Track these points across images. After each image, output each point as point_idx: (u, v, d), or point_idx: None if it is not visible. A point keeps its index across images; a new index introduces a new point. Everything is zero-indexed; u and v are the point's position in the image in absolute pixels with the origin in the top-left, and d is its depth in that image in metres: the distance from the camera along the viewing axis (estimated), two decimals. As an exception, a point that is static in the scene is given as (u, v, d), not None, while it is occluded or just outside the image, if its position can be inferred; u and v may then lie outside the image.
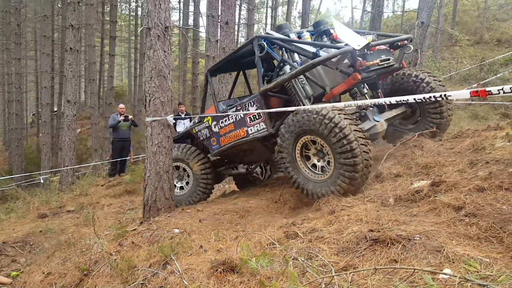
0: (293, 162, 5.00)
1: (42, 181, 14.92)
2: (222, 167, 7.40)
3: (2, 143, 37.60)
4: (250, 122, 5.86)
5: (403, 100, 3.34)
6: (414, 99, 3.14)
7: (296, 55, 5.57)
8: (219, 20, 10.54)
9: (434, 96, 2.75)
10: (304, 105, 5.14)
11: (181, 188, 7.22)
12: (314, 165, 4.91)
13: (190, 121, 9.56)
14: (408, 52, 6.01)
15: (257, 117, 5.73)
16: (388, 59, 5.46)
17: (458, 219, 3.04)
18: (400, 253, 2.73)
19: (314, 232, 3.57)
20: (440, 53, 21.21)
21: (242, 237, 4.02)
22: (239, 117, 6.01)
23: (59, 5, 24.06)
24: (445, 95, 2.66)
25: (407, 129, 6.00)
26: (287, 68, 5.51)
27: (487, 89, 2.58)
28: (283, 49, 5.59)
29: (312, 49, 5.15)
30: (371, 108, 5.35)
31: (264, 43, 5.53)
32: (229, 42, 10.13)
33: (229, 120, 6.23)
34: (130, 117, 11.86)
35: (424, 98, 2.93)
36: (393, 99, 3.66)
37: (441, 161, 4.41)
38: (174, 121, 6.06)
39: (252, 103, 5.79)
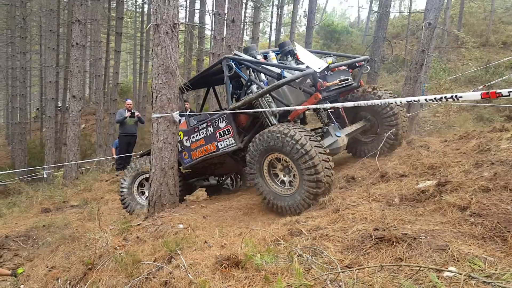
0: (261, 177, 5.27)
1: (45, 175, 14.97)
2: (193, 179, 7.61)
3: (5, 138, 37.74)
4: (220, 137, 6.19)
5: (414, 100, 3.36)
6: (425, 99, 3.15)
7: (262, 75, 5.87)
8: (225, 18, 10.55)
9: (445, 97, 2.76)
10: (270, 122, 5.54)
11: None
12: (282, 181, 5.18)
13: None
14: (365, 72, 6.29)
15: (226, 133, 6.09)
16: (347, 79, 5.86)
17: (463, 219, 3.06)
18: (406, 252, 2.75)
19: (318, 230, 3.59)
20: (446, 55, 21.17)
21: (246, 234, 4.04)
22: (209, 133, 6.34)
23: (65, 0, 24.11)
24: (456, 95, 2.67)
25: (368, 141, 6.36)
26: (254, 87, 5.81)
27: (498, 91, 2.59)
28: (250, 69, 5.90)
29: (277, 70, 5.49)
30: (333, 125, 5.71)
31: (233, 64, 5.86)
32: (235, 40, 10.13)
33: (200, 135, 6.53)
34: (136, 113, 11.88)
35: (435, 98, 2.94)
36: (404, 100, 3.69)
37: (447, 161, 4.42)
38: (180, 118, 6.08)
39: (221, 120, 6.13)
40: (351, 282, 2.39)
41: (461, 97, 2.69)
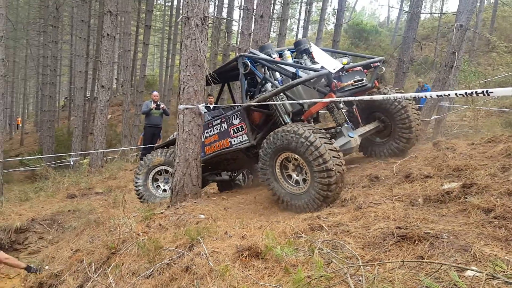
0: (273, 174, 5.27)
1: (72, 163, 15.34)
2: (206, 173, 7.66)
3: (34, 124, 38.82)
4: (233, 134, 6.28)
5: (444, 95, 3.34)
6: (456, 94, 3.12)
7: (277, 73, 5.89)
8: (254, 13, 10.58)
9: (476, 92, 2.73)
10: (284, 120, 5.57)
11: (164, 191, 7.62)
12: (293, 179, 5.17)
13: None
14: (380, 73, 6.31)
15: (240, 130, 6.16)
16: (362, 80, 5.91)
17: (487, 221, 3.02)
18: (427, 250, 2.74)
19: (339, 226, 3.60)
20: (476, 58, 20.69)
21: (266, 226, 4.08)
22: (223, 129, 6.44)
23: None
24: (487, 91, 2.64)
25: (381, 142, 6.42)
26: (268, 85, 5.86)
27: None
28: (265, 67, 5.93)
29: (292, 69, 5.56)
30: (346, 125, 5.69)
31: (248, 61, 5.93)
32: (262, 36, 10.15)
33: (214, 130, 6.64)
34: (162, 105, 12.04)
35: (465, 93, 2.91)
36: (434, 94, 3.65)
37: (473, 164, 4.36)
38: (205, 110, 6.15)
39: (235, 116, 6.20)
40: (371, 277, 2.40)
41: (492, 92, 2.65)
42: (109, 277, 4.05)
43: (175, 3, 32.88)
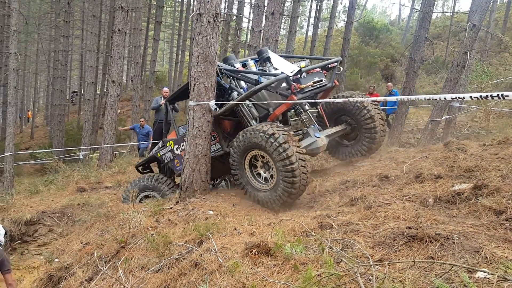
0: (242, 171, 5.71)
1: (81, 157, 15.45)
2: None
3: (44, 118, 39.13)
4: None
5: (458, 98, 3.32)
6: (470, 96, 3.11)
7: (242, 82, 6.35)
8: (265, 10, 10.56)
9: (491, 95, 2.72)
10: (251, 125, 5.84)
11: None
12: (262, 177, 5.60)
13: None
14: (338, 72, 6.64)
15: (213, 139, 6.50)
16: (321, 80, 6.27)
17: (499, 223, 3.00)
18: (438, 251, 2.74)
19: (349, 225, 3.60)
20: (488, 58, 20.47)
21: (275, 224, 4.09)
22: None
23: (108, -14, 24.67)
24: (502, 94, 2.63)
25: (348, 144, 6.87)
26: (235, 94, 6.23)
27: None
28: (231, 77, 6.35)
29: (254, 76, 6.06)
30: (313, 126, 6.16)
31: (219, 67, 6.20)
32: (273, 33, 10.14)
33: None
34: (171, 101, 12.08)
35: (480, 96, 2.90)
36: (448, 96, 3.63)
37: (484, 165, 4.32)
38: (215, 107, 6.17)
39: None
40: (381, 276, 2.40)
41: (507, 96, 2.63)
42: (119, 270, 4.09)
43: (185, -1, 32.99)
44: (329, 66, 6.52)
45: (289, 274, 2.85)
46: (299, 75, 5.98)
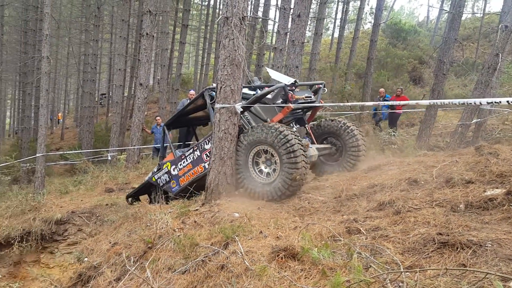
0: (245, 165, 6.08)
1: (109, 158, 15.73)
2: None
3: (73, 120, 40.10)
4: (206, 158, 6.88)
5: (467, 103, 3.23)
6: (508, 101, 3.02)
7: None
8: (291, 13, 10.53)
9: (508, 102, 2.63)
10: None
11: None
12: (264, 173, 6.01)
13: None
14: (323, 93, 7.20)
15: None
16: (310, 96, 6.85)
17: (535, 231, 2.90)
18: (470, 258, 2.66)
19: (377, 230, 3.54)
20: (520, 60, 19.85)
21: (302, 228, 4.06)
22: (196, 156, 7.13)
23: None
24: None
25: (332, 164, 7.28)
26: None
27: None
28: None
29: (252, 92, 6.62)
30: (305, 138, 6.68)
31: (214, 93, 6.45)
32: (299, 36, 10.09)
33: (187, 160, 7.29)
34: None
35: (493, 102, 2.81)
36: (484, 100, 3.55)
37: (518, 170, 4.19)
38: (242, 110, 6.18)
39: (207, 142, 6.90)
40: (412, 283, 2.35)
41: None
42: (147, 270, 4.14)
43: (211, 2, 33.26)
44: (316, 86, 7.15)
45: (317, 279, 2.82)
46: (294, 88, 6.65)
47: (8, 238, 8.62)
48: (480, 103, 3.44)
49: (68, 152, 17.87)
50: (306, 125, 7.27)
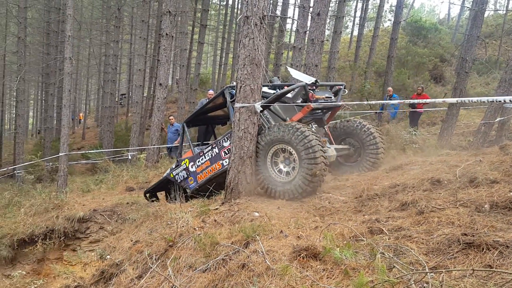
0: (264, 165, 6.10)
1: (129, 157, 15.94)
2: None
3: (94, 120, 40.75)
4: (224, 156, 6.91)
5: (496, 100, 3.17)
6: (511, 100, 2.95)
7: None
8: (310, 11, 10.49)
9: None
10: None
11: None
12: (283, 172, 6.02)
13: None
14: (344, 94, 7.29)
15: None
16: (331, 97, 6.86)
17: None
18: (496, 259, 2.61)
19: (400, 230, 3.49)
20: (546, 57, 19.33)
21: (323, 227, 4.04)
22: (215, 153, 7.14)
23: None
24: None
25: (350, 165, 7.29)
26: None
27: None
28: None
29: (271, 91, 6.60)
30: (325, 138, 6.51)
31: (234, 91, 6.51)
32: (318, 34, 10.04)
33: (205, 157, 7.31)
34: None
35: None
36: (474, 99, 3.47)
37: (546, 170, 4.08)
38: (261, 109, 6.19)
39: (226, 139, 6.90)
40: (437, 284, 2.31)
41: None
42: (168, 268, 4.18)
43: (229, 2, 33.35)
44: (337, 87, 7.20)
45: (339, 279, 2.80)
46: (314, 87, 6.67)
47: (32, 235, 8.81)
48: (510, 100, 3.36)
49: (89, 151, 18.18)
50: (325, 126, 7.26)
